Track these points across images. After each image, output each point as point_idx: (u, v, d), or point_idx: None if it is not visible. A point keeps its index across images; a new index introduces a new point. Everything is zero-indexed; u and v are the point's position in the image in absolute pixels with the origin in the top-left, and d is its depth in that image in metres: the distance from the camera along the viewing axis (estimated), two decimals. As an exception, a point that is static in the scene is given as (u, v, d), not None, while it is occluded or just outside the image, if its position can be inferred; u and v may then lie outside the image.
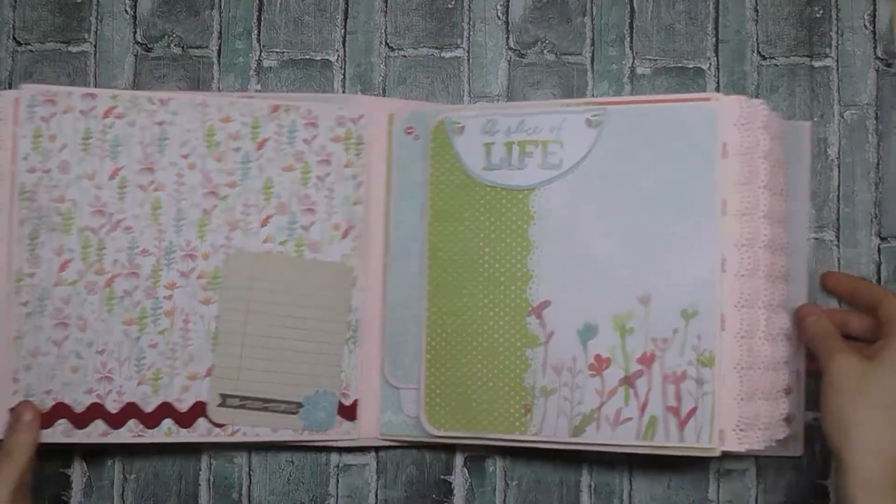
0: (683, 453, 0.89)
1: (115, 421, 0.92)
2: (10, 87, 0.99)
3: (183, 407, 0.94)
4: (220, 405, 0.94)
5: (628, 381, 0.90)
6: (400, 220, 0.97)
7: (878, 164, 0.99)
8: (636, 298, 0.90)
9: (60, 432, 0.91)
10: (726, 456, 0.92)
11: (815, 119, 0.99)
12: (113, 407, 0.92)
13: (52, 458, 0.97)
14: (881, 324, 0.89)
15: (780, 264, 0.91)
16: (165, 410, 0.93)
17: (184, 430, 0.94)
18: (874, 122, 1.00)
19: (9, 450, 0.87)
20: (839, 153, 0.99)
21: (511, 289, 0.93)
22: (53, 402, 0.91)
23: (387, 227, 0.97)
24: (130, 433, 0.92)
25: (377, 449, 0.99)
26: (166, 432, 0.93)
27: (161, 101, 0.94)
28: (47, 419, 0.91)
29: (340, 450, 0.99)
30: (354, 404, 0.96)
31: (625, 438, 0.90)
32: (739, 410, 0.88)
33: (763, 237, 0.89)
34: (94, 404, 0.92)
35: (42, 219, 0.92)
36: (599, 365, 0.91)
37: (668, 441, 0.89)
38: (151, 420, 0.93)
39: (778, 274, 0.91)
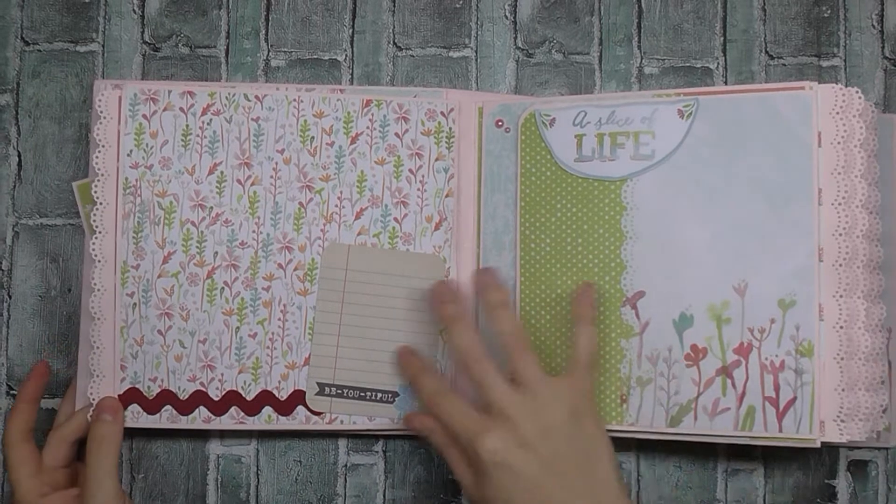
0: (782, 443, 0.89)
1: (218, 408, 0.95)
2: (17, 88, 1.01)
3: (282, 395, 0.96)
4: (317, 394, 0.96)
5: (726, 371, 0.90)
6: (492, 212, 0.97)
7: None
8: (732, 288, 0.90)
9: (166, 419, 0.94)
10: (734, 456, 0.97)
11: None
12: (215, 394, 0.95)
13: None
14: None
15: (877, 254, 0.91)
16: (266, 398, 0.96)
17: (283, 417, 0.96)
18: None
19: (100, 439, 0.90)
20: None
21: (605, 279, 0.94)
22: (159, 390, 0.94)
23: (478, 219, 0.97)
24: (232, 420, 0.95)
25: (385, 449, 1.00)
26: (266, 419, 0.96)
27: (256, 97, 0.96)
28: (153, 406, 0.94)
29: (348, 449, 1.00)
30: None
31: (723, 429, 0.90)
32: (840, 401, 0.87)
33: (861, 226, 0.88)
34: (197, 391, 0.95)
35: (145, 212, 0.94)
36: (696, 355, 0.91)
37: (766, 431, 0.89)
38: (252, 407, 0.95)
39: (876, 263, 0.91)
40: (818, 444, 0.88)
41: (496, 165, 0.97)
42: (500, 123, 0.97)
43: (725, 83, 0.99)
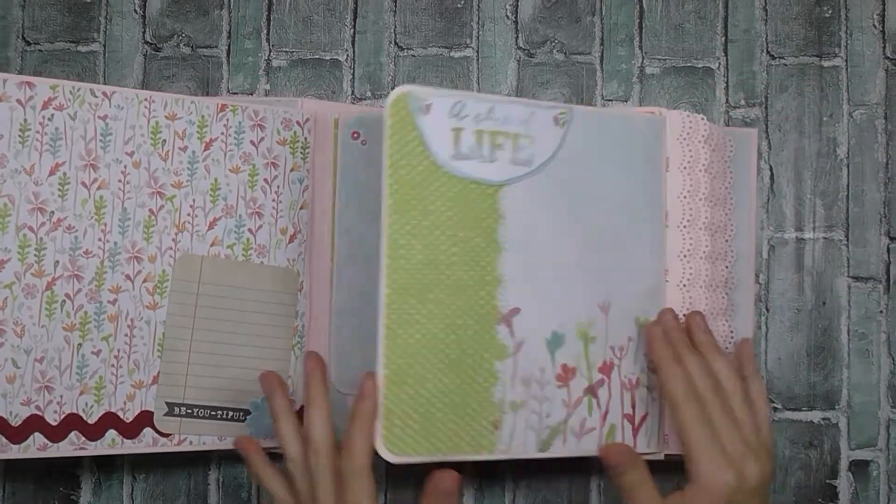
0: (637, 459, 0.88)
1: (56, 434, 0.88)
2: None
3: (128, 417, 0.90)
4: (166, 414, 0.91)
5: (591, 390, 0.89)
6: (346, 226, 0.96)
7: (887, 163, 1.01)
8: (597, 306, 0.90)
9: (-7, 448, 0.86)
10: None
11: (825, 118, 1.00)
12: (53, 419, 0.88)
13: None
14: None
15: (720, 273, 0.93)
16: (109, 421, 0.90)
17: (128, 440, 0.90)
18: (883, 121, 1.01)
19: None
20: (848, 153, 1.01)
21: (480, 294, 0.87)
22: (-14, 416, 0.86)
23: (333, 232, 0.96)
24: (72, 446, 0.88)
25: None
26: (110, 443, 0.90)
27: (104, 93, 0.90)
28: (-24, 434, 0.86)
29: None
30: (302, 410, 0.91)
31: (587, 450, 0.89)
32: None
33: (704, 248, 0.92)
34: (32, 416, 0.87)
35: (-25, 216, 0.86)
36: (566, 375, 0.89)
37: (623, 449, 0.88)
38: (95, 431, 0.89)
39: (718, 283, 0.93)
40: (662, 458, 0.91)
41: (351, 178, 0.96)
42: (356, 135, 0.97)
43: (727, 83, 0.99)
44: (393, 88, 0.98)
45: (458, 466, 0.85)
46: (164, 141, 0.91)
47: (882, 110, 1.01)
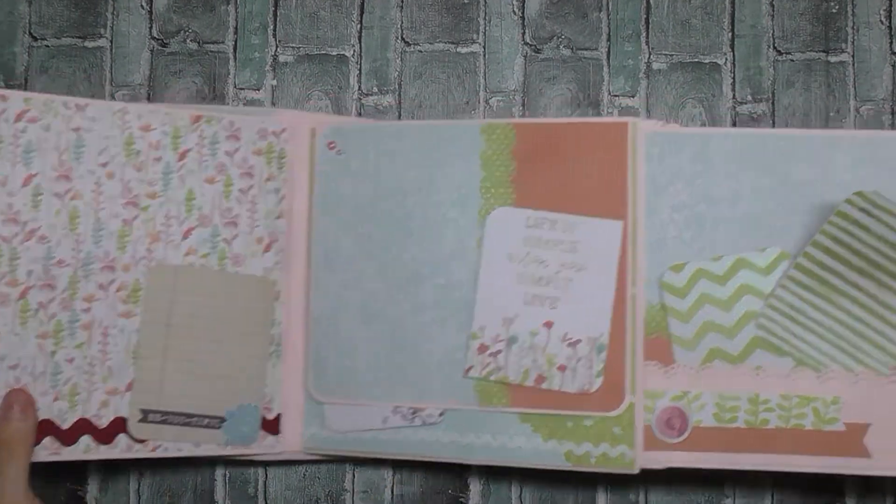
0: None
1: None
2: (25, 83, 0.99)
3: (102, 423, 0.89)
4: (140, 420, 0.90)
5: None
6: (322, 235, 0.95)
7: None
8: None
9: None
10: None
11: (832, 114, 0.97)
12: None
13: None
14: None
15: None
16: (83, 427, 0.89)
17: (103, 446, 0.89)
18: (890, 117, 0.97)
19: (7, 442, 0.84)
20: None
21: None
22: (-40, 422, 0.88)
23: (309, 241, 0.95)
24: (46, 451, 0.88)
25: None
26: (84, 449, 0.89)
27: (77, 105, 0.89)
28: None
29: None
30: (277, 419, 0.94)
31: None
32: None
33: None
34: None
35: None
36: None
37: None
38: (69, 437, 0.88)
39: None
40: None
41: (327, 188, 0.95)
42: (332, 145, 0.95)
43: (734, 79, 0.98)
44: (400, 84, 0.98)
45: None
46: (139, 152, 0.90)
47: (889, 106, 0.97)
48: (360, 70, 0.99)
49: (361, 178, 0.94)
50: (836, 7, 0.98)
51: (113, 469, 0.97)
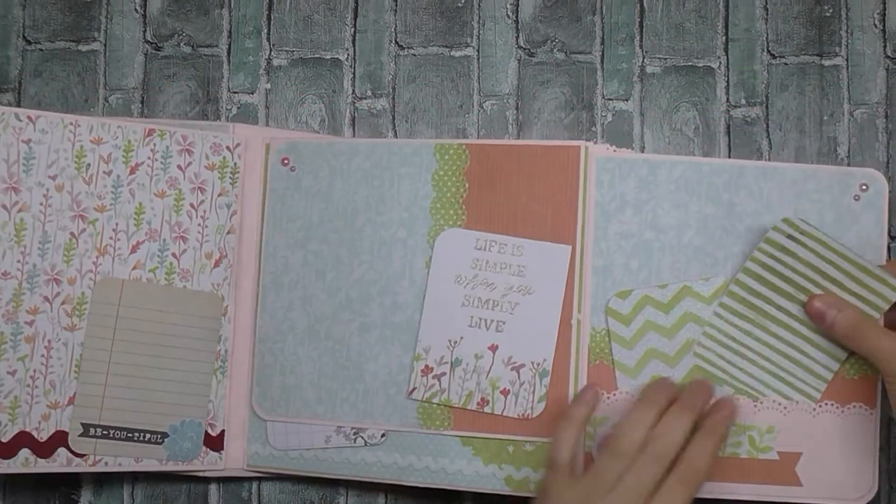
0: None
1: None
2: (19, 87, 0.99)
3: (42, 436, 0.89)
4: (81, 435, 0.90)
5: None
6: (272, 251, 0.95)
7: (887, 162, 0.97)
8: None
9: None
10: None
11: (826, 118, 0.97)
12: None
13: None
14: None
15: None
16: (23, 440, 0.88)
17: (42, 459, 0.89)
18: (884, 120, 0.97)
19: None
20: (849, 152, 0.97)
21: None
22: None
23: (259, 257, 0.95)
24: None
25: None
26: (23, 462, 0.88)
27: (29, 118, 0.89)
28: None
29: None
30: (221, 435, 0.94)
31: None
32: None
33: None
34: None
35: None
36: None
37: None
38: (8, 450, 0.88)
39: None
40: None
41: (280, 204, 0.95)
42: (286, 161, 0.95)
43: (727, 83, 0.97)
44: (394, 88, 0.99)
45: None
46: (89, 165, 0.90)
47: (883, 110, 0.98)
48: (353, 74, 0.99)
49: (314, 195, 0.94)
50: (830, 11, 0.97)
51: (107, 473, 0.97)
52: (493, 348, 0.90)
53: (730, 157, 0.96)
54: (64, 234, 0.89)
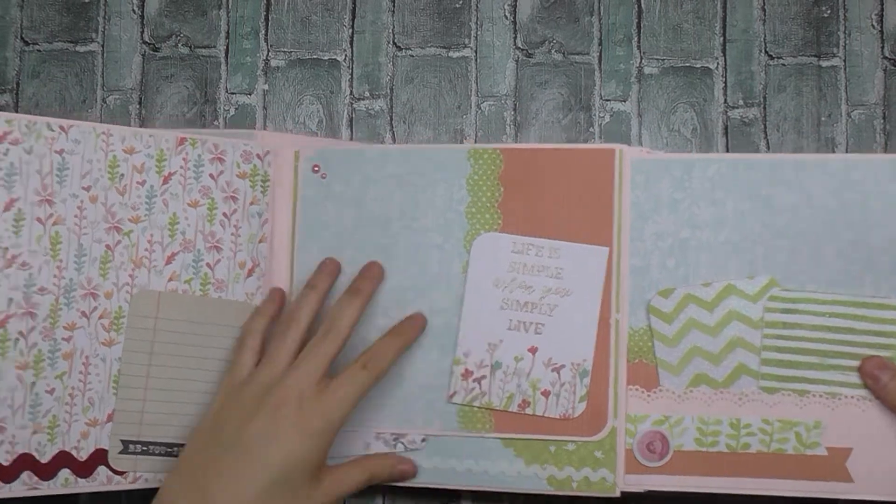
0: None
1: (7, 474, 0.86)
2: (17, 88, 0.99)
3: (82, 455, 0.88)
4: (121, 452, 0.89)
5: None
6: (304, 259, 0.94)
7: None
8: None
9: (-57, 490, 0.86)
10: None
11: (823, 119, 0.97)
12: (5, 459, 0.86)
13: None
14: None
15: None
16: (63, 460, 0.87)
17: (82, 479, 0.88)
18: (881, 121, 0.98)
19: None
20: (847, 153, 0.97)
21: None
22: (-64, 457, 0.87)
23: (291, 265, 0.94)
24: (24, 486, 0.86)
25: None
26: (63, 483, 0.87)
27: (61, 127, 0.87)
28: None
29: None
30: None
31: None
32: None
33: None
34: None
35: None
36: None
37: None
38: (47, 471, 0.87)
39: None
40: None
41: (311, 212, 0.94)
42: (316, 169, 0.95)
43: (725, 83, 0.98)
44: (391, 89, 0.99)
45: None
46: (122, 175, 0.89)
47: (880, 110, 0.98)
48: (351, 75, 0.99)
49: (345, 202, 0.94)
50: (828, 11, 0.98)
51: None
52: (533, 350, 0.90)
53: (727, 158, 0.98)
54: (99, 246, 0.88)
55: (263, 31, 0.99)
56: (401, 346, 0.87)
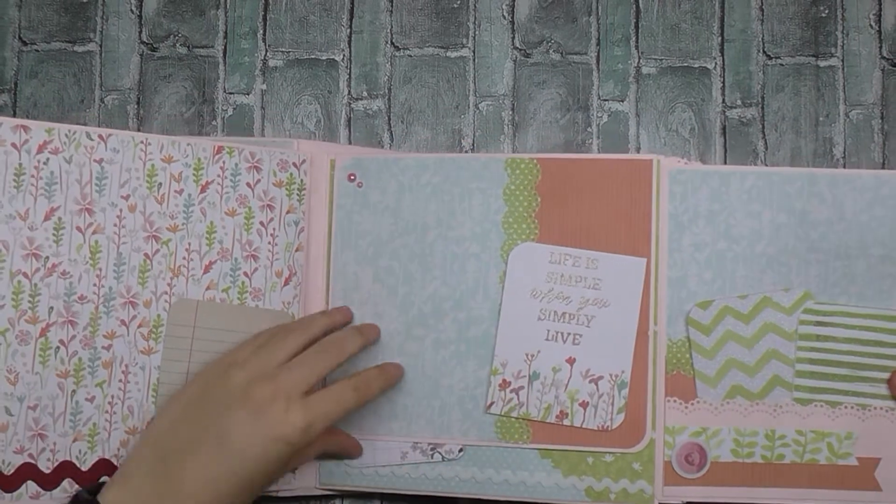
0: None
1: (49, 481, 0.86)
2: (15, 88, 0.98)
3: (122, 463, 0.86)
4: None
5: None
6: (341, 268, 0.94)
7: (883, 163, 0.98)
8: None
9: (-15, 497, 0.86)
10: None
11: (821, 119, 0.98)
12: (46, 466, 0.86)
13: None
14: None
15: None
16: (103, 467, 0.87)
17: None
18: (879, 121, 0.98)
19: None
20: (844, 153, 0.98)
21: None
22: (-22, 465, 0.86)
23: (328, 274, 0.95)
24: (65, 494, 0.86)
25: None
26: None
27: (100, 136, 0.88)
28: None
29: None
30: None
31: None
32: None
33: None
34: (25, 464, 0.85)
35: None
36: None
37: None
38: (88, 479, 0.87)
39: None
40: None
41: (347, 220, 0.94)
42: (352, 177, 0.95)
43: (723, 83, 0.98)
44: (389, 89, 0.99)
45: None
46: (160, 184, 0.89)
47: (878, 110, 0.98)
48: (349, 74, 0.98)
49: (382, 211, 0.94)
50: (826, 11, 0.98)
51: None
52: (571, 361, 0.91)
53: (725, 158, 0.97)
54: (138, 255, 0.88)
55: (261, 31, 0.99)
56: (384, 386, 0.88)
